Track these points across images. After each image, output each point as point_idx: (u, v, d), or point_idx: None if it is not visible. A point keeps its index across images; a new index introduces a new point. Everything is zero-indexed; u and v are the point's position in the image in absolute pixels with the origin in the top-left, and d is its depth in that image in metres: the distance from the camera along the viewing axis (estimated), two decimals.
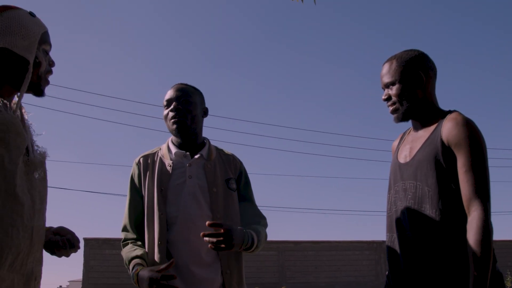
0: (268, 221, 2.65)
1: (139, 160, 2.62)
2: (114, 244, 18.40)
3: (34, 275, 1.83)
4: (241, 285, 2.48)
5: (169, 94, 2.58)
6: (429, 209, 2.13)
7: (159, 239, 2.41)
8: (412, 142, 2.33)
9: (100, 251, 18.40)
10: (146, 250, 2.45)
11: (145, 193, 2.52)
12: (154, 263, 2.40)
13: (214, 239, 2.25)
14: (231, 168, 2.60)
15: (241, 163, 2.67)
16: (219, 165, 2.57)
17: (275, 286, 17.42)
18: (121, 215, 2.61)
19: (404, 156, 2.33)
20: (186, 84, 2.63)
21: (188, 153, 2.55)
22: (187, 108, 2.53)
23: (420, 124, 2.33)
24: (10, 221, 1.68)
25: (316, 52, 45.80)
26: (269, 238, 2.64)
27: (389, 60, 2.36)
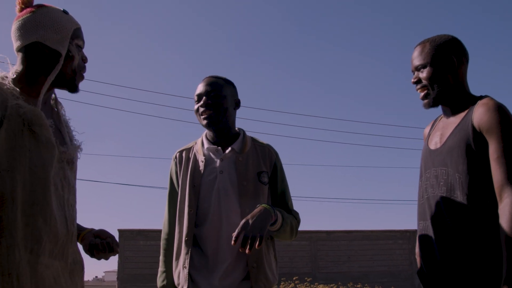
0: (300, 211, 2.62)
1: (176, 156, 2.64)
2: (148, 235, 18.63)
3: (78, 265, 1.93)
4: (269, 279, 2.43)
5: (199, 88, 2.56)
6: (460, 196, 2.10)
7: (186, 235, 2.44)
8: (443, 128, 2.29)
9: (135, 242, 18.65)
10: (176, 245, 2.50)
11: (179, 189, 2.56)
12: (181, 258, 2.45)
13: (247, 246, 2.15)
14: (265, 161, 2.55)
15: (276, 155, 2.61)
16: (252, 157, 2.52)
17: (308, 276, 17.41)
18: (156, 207, 2.68)
19: (435, 142, 2.30)
20: (216, 77, 2.59)
21: (219, 148, 2.53)
22: (218, 102, 2.50)
23: (450, 110, 2.29)
24: (49, 209, 1.76)
25: (345, 43, 45.38)
26: (301, 228, 2.62)
27: (422, 43, 2.32)
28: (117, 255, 1.99)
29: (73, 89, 1.99)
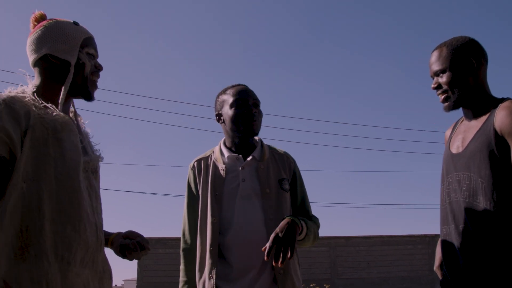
0: (319, 217, 2.63)
1: (193, 165, 2.62)
2: (167, 243, 18.70)
3: (107, 274, 1.95)
4: (295, 284, 2.43)
5: (242, 93, 2.53)
6: (483, 201, 2.06)
7: (211, 245, 2.42)
8: (465, 132, 2.25)
9: (154, 250, 18.72)
10: (199, 255, 2.48)
11: (200, 198, 2.53)
12: (206, 268, 2.42)
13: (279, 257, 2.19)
14: (284, 169, 2.56)
15: (294, 162, 2.62)
16: (272, 165, 2.53)
17: (327, 283, 17.35)
18: (174, 215, 2.70)
19: (457, 146, 2.25)
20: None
21: (240, 156, 2.52)
22: (260, 112, 2.55)
23: (471, 112, 2.24)
24: (78, 217, 1.79)
25: (358, 47, 45.27)
26: (320, 234, 2.64)
27: (439, 47, 2.28)
28: (145, 254, 2.05)
29: (88, 96, 2.01)
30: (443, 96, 2.26)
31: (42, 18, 2.02)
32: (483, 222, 2.07)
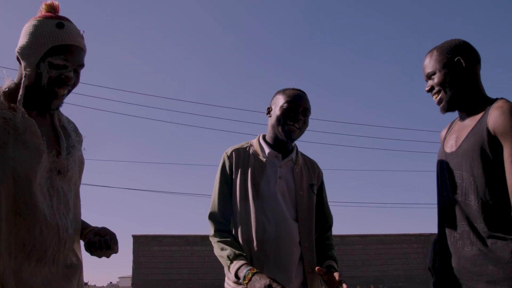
0: None
1: (231, 153, 2.65)
2: (162, 241, 18.68)
3: (73, 269, 1.95)
4: (320, 283, 2.57)
5: (297, 97, 2.60)
6: (475, 200, 2.08)
7: (257, 237, 2.47)
8: (458, 131, 2.28)
9: (149, 248, 18.71)
10: (242, 243, 2.49)
11: (237, 187, 2.58)
12: (248, 258, 2.44)
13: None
14: (314, 175, 2.69)
15: (322, 172, 2.76)
16: (305, 170, 2.67)
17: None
18: (169, 213, 2.63)
19: (450, 145, 2.28)
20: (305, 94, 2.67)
21: (280, 154, 2.62)
22: (306, 121, 2.62)
23: (466, 113, 2.28)
24: (32, 219, 1.78)
25: (359, 47, 45.30)
26: None
27: (430, 51, 2.34)
28: (115, 253, 1.99)
29: (43, 106, 1.93)
30: (437, 98, 2.30)
31: (48, 10, 1.96)
32: (473, 220, 2.08)
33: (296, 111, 2.56)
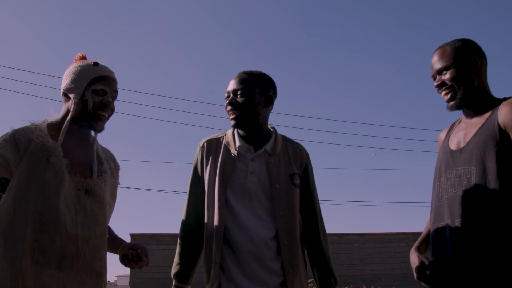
0: None
1: (203, 144, 2.54)
2: (160, 239, 18.67)
3: (92, 276, 2.21)
4: (302, 284, 2.39)
5: (229, 85, 2.48)
6: (485, 195, 2.06)
7: (217, 231, 2.35)
8: (466, 129, 2.26)
9: (147, 246, 18.41)
10: (205, 238, 2.42)
11: (206, 180, 2.46)
12: (212, 254, 2.36)
13: None
14: (296, 163, 2.49)
15: (307, 155, 2.56)
16: (283, 159, 2.46)
17: None
18: (167, 212, 2.65)
19: (457, 142, 2.26)
20: (248, 73, 2.48)
21: (251, 146, 2.44)
22: (245, 101, 2.40)
23: (473, 111, 2.26)
24: (54, 229, 2.09)
25: (356, 46, 45.34)
26: None
27: (441, 47, 2.31)
28: (146, 266, 2.32)
29: (91, 128, 2.30)
30: (449, 95, 2.27)
31: (81, 58, 2.37)
32: (484, 215, 2.06)
33: (230, 97, 2.44)
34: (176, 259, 2.56)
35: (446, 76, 2.25)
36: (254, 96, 2.42)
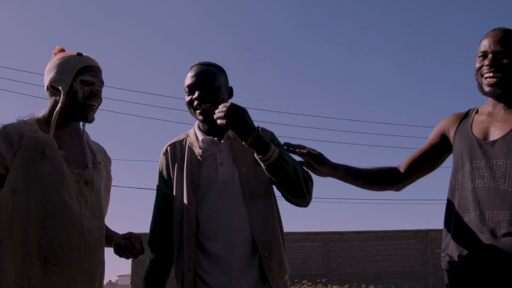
0: (313, 212, 2.53)
1: (166, 149, 2.44)
2: None
3: (97, 273, 2.21)
4: (283, 270, 2.29)
5: (191, 78, 2.34)
6: None
7: (188, 236, 2.27)
8: (500, 121, 2.21)
9: (146, 246, 18.66)
10: (176, 247, 2.32)
11: (174, 186, 2.35)
12: (184, 260, 2.28)
13: (222, 113, 2.06)
14: None
15: (271, 133, 2.41)
16: None
17: (321, 277, 17.38)
18: None
19: (485, 134, 2.22)
20: (207, 64, 2.38)
21: (216, 138, 2.32)
22: (214, 94, 2.29)
23: (505, 104, 2.22)
24: (60, 223, 2.08)
25: (353, 44, 45.30)
26: (314, 229, 2.59)
27: (504, 30, 2.23)
28: (141, 254, 2.31)
29: (84, 118, 2.27)
30: (495, 79, 2.19)
31: (60, 51, 2.33)
32: None
33: (194, 91, 2.31)
34: (147, 267, 2.49)
35: (502, 60, 2.18)
36: (221, 88, 2.34)
